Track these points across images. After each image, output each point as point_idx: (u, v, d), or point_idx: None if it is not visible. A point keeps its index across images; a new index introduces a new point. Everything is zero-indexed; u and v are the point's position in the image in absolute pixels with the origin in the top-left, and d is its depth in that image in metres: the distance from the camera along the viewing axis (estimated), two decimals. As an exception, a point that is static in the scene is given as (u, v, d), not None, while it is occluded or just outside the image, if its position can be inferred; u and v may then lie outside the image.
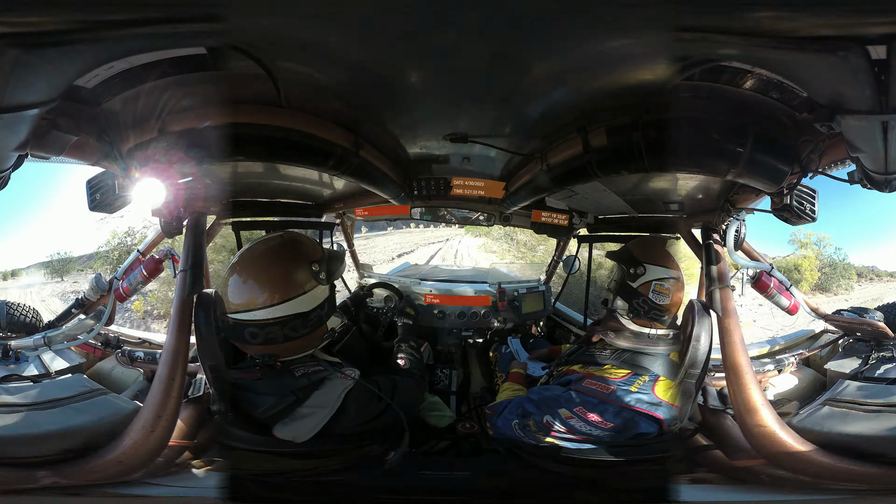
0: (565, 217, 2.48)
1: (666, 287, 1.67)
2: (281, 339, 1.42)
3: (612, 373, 1.59)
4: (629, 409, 1.49)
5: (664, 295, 1.66)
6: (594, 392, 1.54)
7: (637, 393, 1.51)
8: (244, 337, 1.42)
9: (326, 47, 1.10)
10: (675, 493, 1.42)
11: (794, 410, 1.64)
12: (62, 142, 1.15)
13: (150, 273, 2.07)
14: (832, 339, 2.17)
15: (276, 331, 1.40)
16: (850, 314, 2.09)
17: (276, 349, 1.44)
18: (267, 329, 1.40)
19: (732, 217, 1.59)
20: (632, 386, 1.53)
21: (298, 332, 1.44)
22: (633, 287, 1.70)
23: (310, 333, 1.47)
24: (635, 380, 1.55)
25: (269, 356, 1.43)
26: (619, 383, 1.54)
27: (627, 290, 1.72)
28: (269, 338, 1.41)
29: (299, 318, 1.43)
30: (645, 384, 1.53)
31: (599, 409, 1.50)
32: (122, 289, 2.07)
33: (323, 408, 1.41)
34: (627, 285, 1.72)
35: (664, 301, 1.66)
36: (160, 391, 1.43)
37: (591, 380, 1.58)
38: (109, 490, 1.40)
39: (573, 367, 1.70)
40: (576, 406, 1.52)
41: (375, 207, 2.52)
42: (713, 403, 1.73)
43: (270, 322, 1.39)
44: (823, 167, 1.23)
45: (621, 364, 1.60)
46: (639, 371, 1.57)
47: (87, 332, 1.97)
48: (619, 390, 1.52)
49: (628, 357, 1.62)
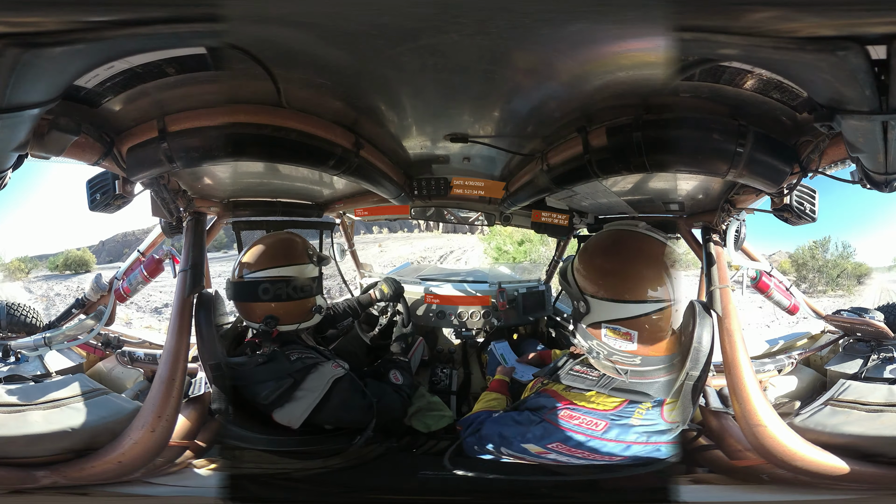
0: (565, 217, 2.48)
1: (623, 331, 1.21)
2: (285, 297, 1.71)
3: (598, 402, 1.29)
4: (640, 446, 1.26)
5: (625, 340, 1.21)
6: (576, 429, 1.26)
7: (641, 426, 1.25)
8: (257, 293, 1.70)
9: (327, 47, 1.10)
10: (676, 494, 1.42)
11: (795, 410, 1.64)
12: (62, 142, 1.15)
13: (150, 273, 2.07)
14: (832, 339, 2.17)
15: (283, 287, 1.71)
16: (850, 314, 2.09)
17: (278, 309, 1.70)
18: (276, 285, 1.71)
19: (732, 217, 1.59)
20: (631, 418, 1.26)
21: (297, 293, 1.74)
22: (583, 327, 1.31)
23: (303, 299, 1.77)
24: (634, 409, 1.27)
25: (272, 318, 1.68)
26: (611, 417, 1.26)
27: (580, 329, 1.32)
28: (277, 293, 1.71)
29: (297, 283, 1.75)
30: (649, 412, 1.29)
31: (589, 447, 1.26)
32: (122, 289, 2.08)
33: (313, 392, 1.52)
34: (577, 322, 1.33)
35: (627, 347, 1.23)
36: (160, 391, 1.43)
37: (570, 412, 1.29)
38: (110, 490, 1.40)
39: (555, 386, 1.42)
40: (550, 442, 1.28)
41: (375, 207, 2.52)
42: (714, 404, 1.73)
43: (278, 279, 1.72)
44: (823, 167, 1.23)
45: (611, 392, 1.29)
46: (635, 398, 1.29)
47: (87, 332, 1.98)
48: (616, 426, 1.25)
49: (619, 383, 1.30)
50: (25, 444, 1.33)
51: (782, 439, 1.38)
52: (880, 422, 1.41)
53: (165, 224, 1.79)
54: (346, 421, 1.59)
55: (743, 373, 1.47)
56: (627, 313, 1.22)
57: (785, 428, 1.40)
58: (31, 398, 1.45)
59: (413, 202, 2.41)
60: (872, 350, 1.87)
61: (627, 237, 1.37)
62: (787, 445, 1.38)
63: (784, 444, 1.38)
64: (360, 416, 1.59)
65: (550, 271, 3.30)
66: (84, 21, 0.84)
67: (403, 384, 1.88)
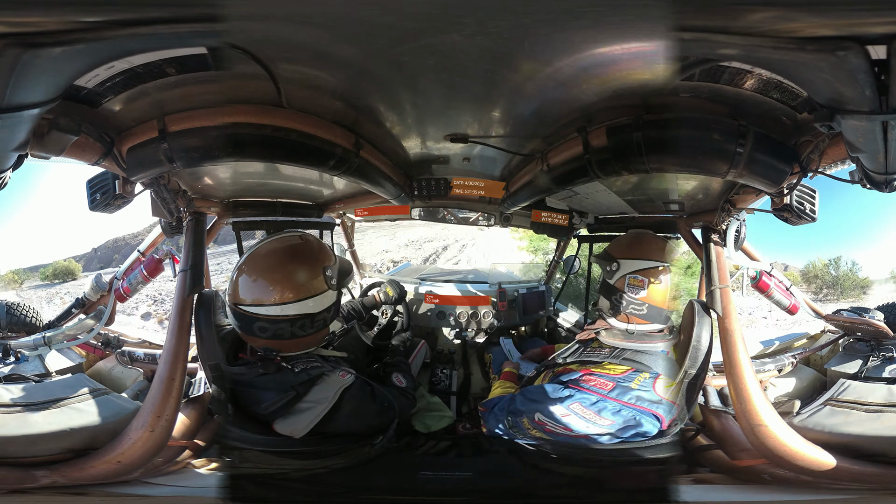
0: (565, 217, 2.48)
1: (640, 279, 1.66)
2: (288, 336, 1.47)
3: (610, 369, 1.56)
4: (630, 407, 1.45)
5: (639, 287, 1.65)
6: (593, 389, 1.50)
7: (637, 390, 1.48)
8: (252, 330, 1.46)
9: (327, 47, 1.10)
10: (677, 493, 1.42)
11: (795, 410, 1.64)
12: (62, 142, 1.15)
13: (150, 273, 2.07)
14: (832, 339, 2.17)
15: (286, 328, 1.46)
16: (850, 314, 2.09)
17: (279, 345, 1.48)
18: (277, 325, 1.45)
19: (732, 217, 1.59)
20: (632, 382, 1.50)
21: (305, 330, 1.49)
22: (611, 284, 1.72)
23: (314, 334, 1.54)
24: (635, 376, 1.51)
25: (271, 350, 1.46)
26: (619, 379, 1.51)
27: (607, 287, 1.74)
28: (278, 334, 1.46)
29: (308, 319, 1.48)
30: (645, 381, 1.50)
31: (598, 407, 1.46)
32: (122, 289, 2.07)
33: (320, 403, 1.44)
34: (606, 283, 1.75)
35: (640, 294, 1.65)
36: (160, 391, 1.43)
37: (589, 376, 1.55)
38: (109, 490, 1.40)
39: (570, 366, 1.67)
40: (572, 403, 1.48)
41: (375, 207, 2.52)
42: (714, 403, 1.73)
43: (281, 319, 1.44)
44: (823, 167, 1.23)
45: (621, 361, 1.58)
46: (639, 368, 1.53)
47: (87, 332, 1.97)
48: (619, 387, 1.49)
49: (629, 354, 1.59)
50: (25, 444, 1.33)
51: (783, 439, 1.38)
52: (880, 422, 1.41)
53: (165, 224, 1.79)
54: (357, 428, 1.51)
55: (743, 373, 1.48)
56: (643, 266, 1.68)
57: (785, 428, 1.40)
58: (32, 398, 1.45)
59: (413, 202, 2.41)
60: (872, 350, 1.88)
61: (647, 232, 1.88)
62: (788, 445, 1.38)
63: (784, 443, 1.38)
64: (372, 422, 1.52)
65: (550, 272, 3.30)
66: (84, 21, 0.84)
67: (407, 387, 1.82)
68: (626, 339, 1.64)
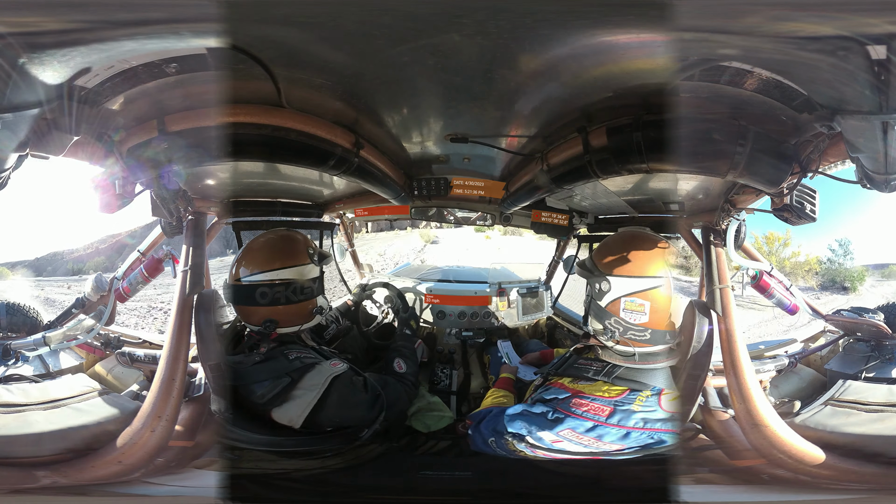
0: (565, 217, 2.48)
1: (639, 303, 1.41)
2: (284, 301, 1.68)
3: (604, 391, 1.41)
4: (639, 431, 1.33)
5: (639, 313, 1.40)
6: (586, 416, 1.37)
7: (641, 411, 1.35)
8: (255, 297, 1.67)
9: (327, 47, 1.10)
10: (677, 493, 1.42)
11: (795, 410, 1.64)
12: (62, 142, 1.15)
13: (150, 273, 2.07)
14: (832, 339, 2.17)
15: (281, 291, 1.68)
16: (850, 314, 2.09)
17: (277, 312, 1.67)
18: (275, 289, 1.67)
19: (732, 217, 1.59)
20: (632, 404, 1.36)
21: (297, 296, 1.71)
22: (602, 306, 1.46)
23: (304, 301, 1.73)
24: (635, 396, 1.37)
25: (271, 321, 1.65)
26: (616, 403, 1.37)
27: (598, 310, 1.48)
28: (275, 297, 1.67)
29: (297, 285, 1.72)
30: (648, 400, 1.37)
31: (597, 434, 1.35)
32: (122, 289, 2.07)
33: (311, 390, 1.50)
34: (596, 305, 1.48)
35: (640, 319, 1.41)
36: (160, 391, 1.44)
37: (580, 399, 1.40)
38: (109, 490, 1.40)
39: (562, 379, 1.53)
40: (562, 429, 1.37)
41: (375, 207, 2.52)
42: (714, 404, 1.73)
43: (276, 282, 1.68)
44: (823, 167, 1.23)
45: (615, 380, 1.42)
46: (637, 387, 1.40)
47: (87, 332, 1.97)
48: (619, 411, 1.36)
49: (622, 372, 1.44)
50: (26, 444, 1.33)
51: (783, 439, 1.39)
52: (880, 422, 1.41)
53: (165, 224, 1.79)
54: (348, 419, 1.54)
55: (743, 373, 1.48)
56: (642, 286, 1.42)
57: (785, 428, 1.40)
58: (32, 398, 1.45)
59: (413, 202, 2.41)
60: (872, 350, 1.87)
61: (639, 234, 1.63)
62: (788, 445, 1.38)
63: (784, 443, 1.38)
64: (362, 413, 1.56)
65: (550, 272, 3.30)
66: (84, 21, 0.84)
67: (407, 372, 1.82)
68: (627, 360, 1.47)
